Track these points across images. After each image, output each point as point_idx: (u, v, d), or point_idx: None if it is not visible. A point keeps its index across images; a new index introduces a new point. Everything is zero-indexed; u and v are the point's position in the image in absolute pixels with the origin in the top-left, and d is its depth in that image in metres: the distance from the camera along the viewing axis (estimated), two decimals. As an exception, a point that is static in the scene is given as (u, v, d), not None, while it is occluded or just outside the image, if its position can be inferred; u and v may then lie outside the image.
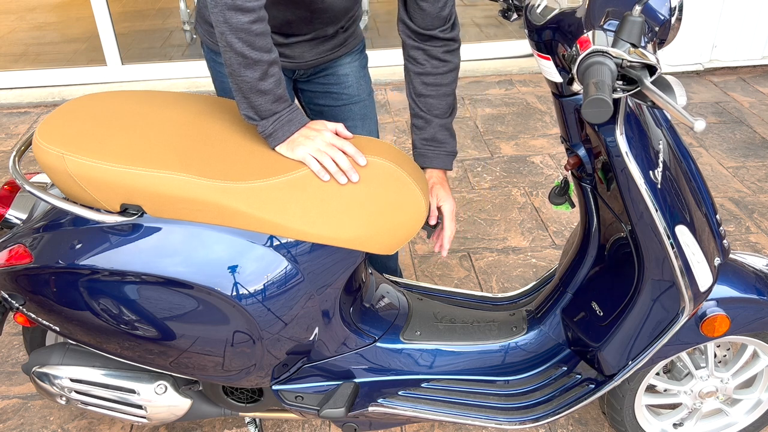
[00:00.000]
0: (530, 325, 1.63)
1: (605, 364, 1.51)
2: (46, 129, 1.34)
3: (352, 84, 1.74)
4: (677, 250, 1.33)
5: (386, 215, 1.37)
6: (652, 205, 1.29)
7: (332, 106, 1.76)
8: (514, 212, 2.83)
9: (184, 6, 4.55)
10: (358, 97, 1.76)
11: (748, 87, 3.93)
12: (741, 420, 1.75)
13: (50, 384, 1.58)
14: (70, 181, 1.29)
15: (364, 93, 1.77)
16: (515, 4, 1.50)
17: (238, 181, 1.28)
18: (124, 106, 1.44)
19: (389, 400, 1.56)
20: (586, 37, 1.12)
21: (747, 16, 3.92)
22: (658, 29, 1.19)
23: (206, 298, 1.32)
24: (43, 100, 3.96)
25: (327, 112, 1.77)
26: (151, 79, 4.15)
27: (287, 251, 1.33)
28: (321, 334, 1.47)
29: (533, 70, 4.20)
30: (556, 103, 1.40)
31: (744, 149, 3.28)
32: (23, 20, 5.07)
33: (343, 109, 1.77)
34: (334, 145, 1.35)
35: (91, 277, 1.32)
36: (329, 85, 1.73)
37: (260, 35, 1.27)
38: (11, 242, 1.40)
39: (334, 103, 1.75)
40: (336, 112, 1.77)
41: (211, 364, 1.42)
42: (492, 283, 2.43)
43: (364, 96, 1.78)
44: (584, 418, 1.91)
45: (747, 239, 2.63)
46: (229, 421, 1.93)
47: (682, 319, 1.40)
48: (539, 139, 3.41)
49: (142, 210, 1.30)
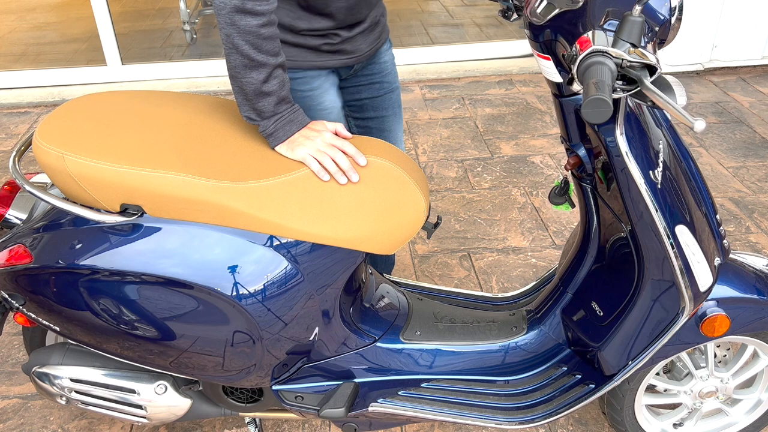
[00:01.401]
0: (530, 325, 1.63)
1: (605, 364, 1.51)
2: (46, 129, 1.34)
3: (390, 71, 1.78)
4: (677, 250, 1.33)
5: (386, 215, 1.37)
6: (652, 205, 1.29)
7: (374, 97, 1.78)
8: (514, 212, 2.83)
9: (184, 6, 4.55)
10: (395, 84, 1.81)
11: (748, 87, 3.93)
12: (741, 420, 1.75)
13: (50, 384, 1.58)
14: (70, 181, 1.29)
15: (397, 80, 1.82)
16: (515, 4, 1.50)
17: (238, 181, 1.28)
18: (124, 106, 1.44)
19: (389, 400, 1.56)
20: (586, 37, 1.12)
21: (747, 16, 3.92)
22: (658, 29, 1.19)
23: (206, 298, 1.32)
24: (43, 100, 3.96)
25: (368, 104, 1.79)
26: (151, 79, 4.15)
27: (287, 251, 1.34)
28: (321, 334, 1.47)
29: (533, 70, 4.20)
30: (556, 103, 1.40)
31: (744, 149, 3.28)
32: (23, 20, 5.07)
33: (384, 99, 1.79)
34: (334, 145, 1.35)
35: (91, 277, 1.32)
36: (373, 75, 1.75)
37: (268, 39, 1.27)
38: (11, 242, 1.40)
39: (376, 94, 1.77)
40: (377, 102, 1.79)
41: (211, 364, 1.42)
42: (492, 283, 2.43)
43: (397, 83, 1.82)
44: (584, 418, 1.91)
45: (747, 239, 2.63)
46: (229, 421, 1.93)
47: (682, 319, 1.40)
48: (539, 139, 3.41)
49: (142, 210, 1.30)
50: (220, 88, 4.02)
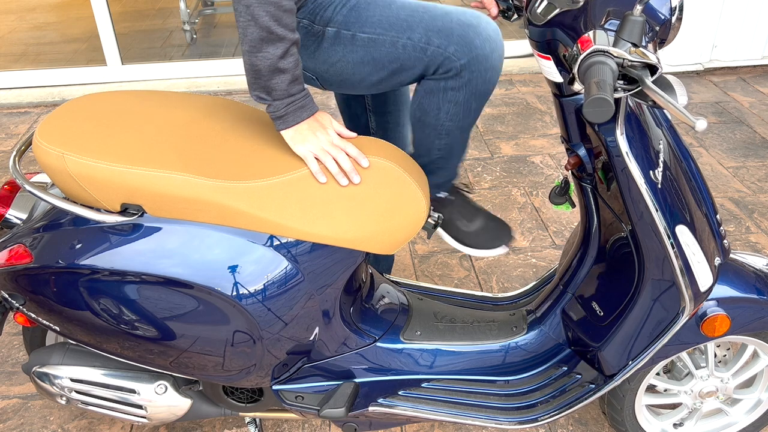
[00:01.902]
0: (530, 325, 1.63)
1: (605, 364, 1.51)
2: (46, 129, 1.34)
3: None
4: (677, 250, 1.33)
5: (387, 215, 1.37)
6: (653, 205, 1.29)
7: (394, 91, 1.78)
8: (514, 212, 2.83)
9: (184, 6, 4.55)
10: None
11: (748, 87, 3.93)
12: (741, 420, 1.75)
13: (50, 384, 1.58)
14: (70, 181, 1.29)
15: None
16: (515, 4, 1.50)
17: (238, 181, 1.28)
18: (124, 105, 1.44)
19: (389, 400, 1.56)
20: (587, 37, 1.12)
21: (747, 16, 3.92)
22: (658, 29, 1.19)
23: (206, 298, 1.32)
24: (43, 100, 3.96)
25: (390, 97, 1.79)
26: (151, 79, 4.15)
27: (287, 251, 1.33)
28: (321, 334, 1.47)
29: (533, 70, 4.20)
30: (556, 102, 1.40)
31: (744, 149, 3.28)
32: (23, 20, 5.07)
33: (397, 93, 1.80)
34: (338, 145, 1.35)
35: (91, 277, 1.32)
36: None
37: (288, 12, 1.24)
38: (11, 242, 1.40)
39: None
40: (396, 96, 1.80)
41: (211, 364, 1.42)
42: (492, 283, 2.43)
43: None
44: (584, 418, 1.91)
45: (747, 239, 2.63)
46: (229, 421, 1.93)
47: (682, 319, 1.40)
48: (539, 139, 3.41)
49: (143, 210, 1.30)
50: (220, 88, 4.02)
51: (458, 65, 1.35)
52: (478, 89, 1.39)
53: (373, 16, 1.39)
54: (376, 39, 1.38)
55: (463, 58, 1.35)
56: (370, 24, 1.39)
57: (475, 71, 1.36)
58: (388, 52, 1.39)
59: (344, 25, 1.40)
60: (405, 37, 1.36)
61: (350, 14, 1.40)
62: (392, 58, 1.39)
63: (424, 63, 1.38)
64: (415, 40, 1.36)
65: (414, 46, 1.36)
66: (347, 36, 1.40)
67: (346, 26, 1.40)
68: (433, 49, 1.36)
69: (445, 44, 1.34)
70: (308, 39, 1.45)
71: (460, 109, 1.42)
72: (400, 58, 1.38)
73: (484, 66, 1.36)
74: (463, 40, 1.34)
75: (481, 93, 1.41)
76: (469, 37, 1.33)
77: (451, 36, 1.34)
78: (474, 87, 1.38)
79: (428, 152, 1.54)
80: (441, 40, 1.35)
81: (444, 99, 1.41)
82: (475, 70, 1.36)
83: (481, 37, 1.34)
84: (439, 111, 1.43)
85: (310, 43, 1.45)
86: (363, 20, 1.39)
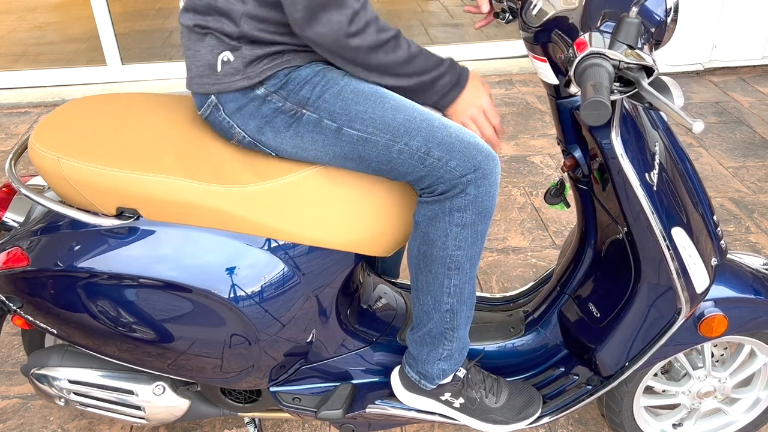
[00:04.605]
0: (528, 327, 1.63)
1: (603, 366, 1.50)
2: (42, 132, 1.34)
3: None
4: (673, 252, 1.32)
5: (383, 217, 1.37)
6: (648, 207, 1.29)
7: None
8: (514, 212, 2.83)
9: (184, 6, 4.54)
10: None
11: (748, 87, 3.92)
12: (740, 419, 1.74)
13: (49, 385, 1.59)
14: (66, 185, 1.29)
15: None
16: (510, 6, 1.50)
17: (233, 185, 1.28)
18: (120, 108, 1.44)
19: (387, 401, 1.56)
20: (583, 39, 1.12)
21: (747, 16, 3.91)
22: (653, 30, 1.19)
23: (203, 300, 1.32)
24: (43, 100, 3.96)
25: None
26: (151, 79, 4.15)
27: (283, 253, 1.34)
28: (318, 336, 1.47)
29: (533, 70, 4.19)
30: (552, 104, 1.40)
31: (744, 149, 3.27)
32: (23, 20, 5.07)
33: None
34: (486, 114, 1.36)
35: (88, 280, 1.33)
36: None
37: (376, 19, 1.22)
38: (8, 245, 1.40)
39: None
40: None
41: (208, 367, 1.43)
42: (492, 283, 2.43)
43: None
44: (584, 418, 1.91)
45: (747, 239, 2.63)
46: (229, 421, 1.93)
47: (679, 321, 1.40)
48: (539, 139, 3.41)
49: (138, 213, 1.30)
50: (220, 88, 4.02)
51: (463, 181, 1.27)
52: (484, 207, 1.31)
53: (365, 112, 1.26)
54: (368, 139, 1.27)
55: (468, 174, 1.27)
56: (360, 120, 1.26)
57: (481, 187, 1.28)
58: (379, 153, 1.28)
59: (328, 114, 1.27)
60: (401, 142, 1.26)
61: (335, 102, 1.26)
62: (383, 160, 1.28)
63: (419, 172, 1.28)
64: (414, 148, 1.26)
65: (411, 154, 1.26)
66: (331, 127, 1.27)
67: (331, 116, 1.27)
68: (433, 161, 1.26)
69: (447, 158, 1.26)
70: (276, 115, 1.29)
71: (468, 232, 1.31)
72: (393, 161, 1.28)
73: (488, 181, 1.28)
74: (464, 156, 1.26)
75: (486, 212, 1.32)
76: (471, 153, 1.26)
77: (453, 150, 1.26)
78: (480, 205, 1.30)
79: (437, 304, 1.39)
80: (442, 152, 1.26)
81: (451, 222, 1.30)
82: (481, 186, 1.28)
83: (483, 154, 1.27)
84: (446, 238, 1.32)
85: (279, 121, 1.29)
86: (352, 114, 1.26)
